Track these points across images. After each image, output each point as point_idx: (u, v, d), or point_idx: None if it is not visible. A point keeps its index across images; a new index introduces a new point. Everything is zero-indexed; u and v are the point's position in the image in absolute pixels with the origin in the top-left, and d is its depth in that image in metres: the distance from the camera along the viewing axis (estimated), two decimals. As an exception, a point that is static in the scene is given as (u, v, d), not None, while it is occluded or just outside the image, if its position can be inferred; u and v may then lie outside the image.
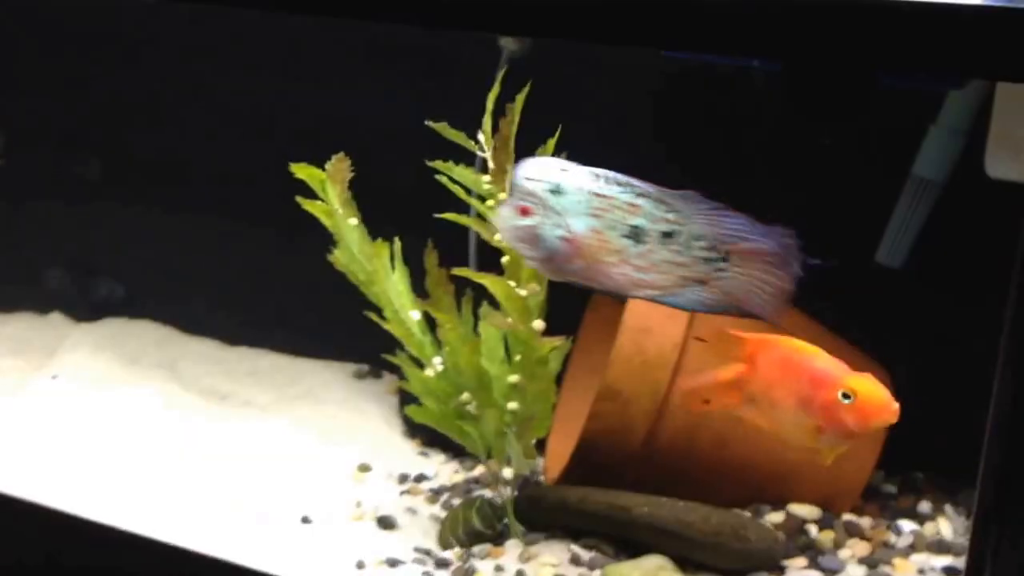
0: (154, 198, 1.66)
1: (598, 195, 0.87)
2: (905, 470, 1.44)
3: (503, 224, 0.88)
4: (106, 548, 1.40)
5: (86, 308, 1.76)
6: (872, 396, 0.99)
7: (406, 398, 1.54)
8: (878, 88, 1.13)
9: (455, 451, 1.51)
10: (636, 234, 0.87)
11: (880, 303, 1.35)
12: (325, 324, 1.64)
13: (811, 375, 1.00)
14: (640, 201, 0.87)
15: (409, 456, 1.52)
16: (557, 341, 1.14)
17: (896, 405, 0.98)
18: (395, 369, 1.51)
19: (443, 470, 1.50)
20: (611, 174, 0.88)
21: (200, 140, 1.60)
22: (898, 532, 1.32)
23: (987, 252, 1.10)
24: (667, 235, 0.87)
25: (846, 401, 0.99)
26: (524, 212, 0.87)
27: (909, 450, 1.35)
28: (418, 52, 1.31)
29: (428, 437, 1.54)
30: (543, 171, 0.87)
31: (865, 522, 1.33)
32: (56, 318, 1.78)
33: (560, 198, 0.87)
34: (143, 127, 1.63)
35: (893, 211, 1.28)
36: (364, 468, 1.49)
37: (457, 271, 1.13)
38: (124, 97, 1.61)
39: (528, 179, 0.87)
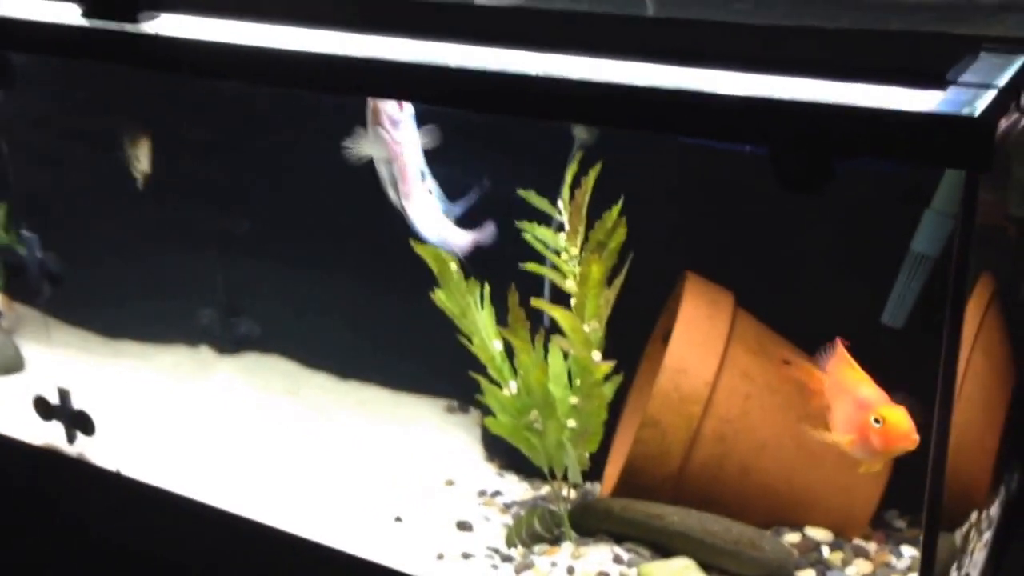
0: (286, 250, 1.98)
1: None
2: (918, 510, 1.65)
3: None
4: (237, 537, 1.71)
5: (229, 342, 2.09)
6: (897, 425, 1.21)
7: (488, 429, 1.84)
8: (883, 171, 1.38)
9: (526, 473, 1.77)
10: None
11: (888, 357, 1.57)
12: (423, 365, 1.93)
13: (856, 398, 1.24)
14: None
15: (488, 476, 1.79)
16: (609, 366, 1.41)
17: (916, 437, 1.20)
18: (480, 406, 1.81)
19: (515, 488, 1.76)
20: None
21: (325, 200, 1.92)
22: (899, 556, 1.53)
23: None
24: None
25: (876, 425, 1.22)
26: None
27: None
28: (508, 136, 1.60)
29: (505, 461, 1.80)
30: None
31: (872, 547, 1.54)
32: (204, 350, 2.11)
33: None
34: (280, 189, 1.97)
35: (896, 279, 1.51)
36: (450, 483, 1.77)
37: (535, 302, 1.41)
38: (265, 161, 1.95)
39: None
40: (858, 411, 1.24)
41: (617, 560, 1.51)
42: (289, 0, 1.54)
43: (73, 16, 1.52)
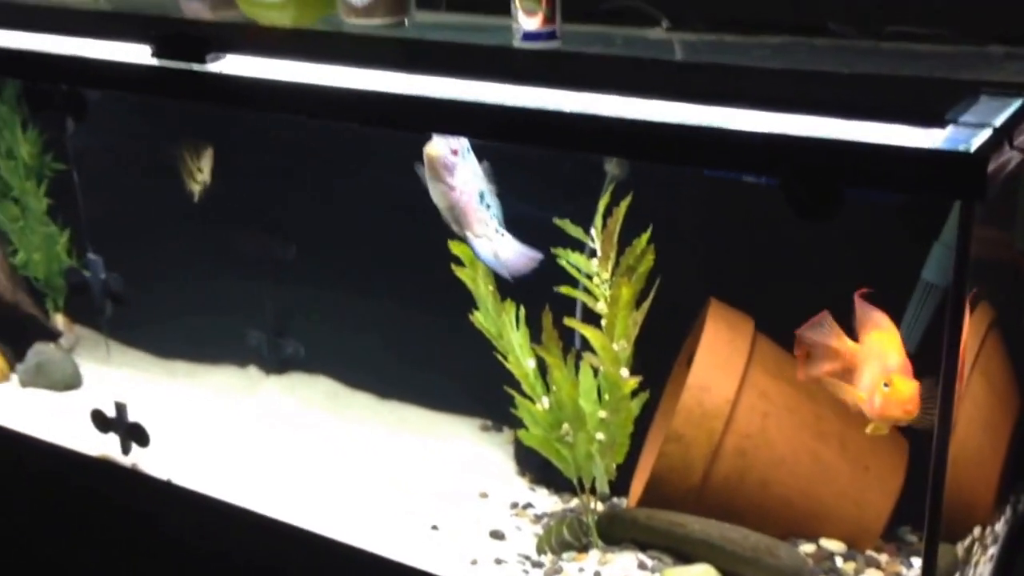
0: (331, 276, 2.11)
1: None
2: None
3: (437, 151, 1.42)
4: (283, 542, 1.82)
5: (275, 363, 2.21)
6: (899, 393, 1.28)
7: (520, 446, 1.95)
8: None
9: (556, 487, 1.88)
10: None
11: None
12: (459, 386, 2.04)
13: (882, 361, 1.31)
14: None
15: (520, 489, 1.89)
16: (636, 381, 1.52)
17: (912, 409, 1.27)
18: (512, 424, 1.93)
19: (545, 501, 1.86)
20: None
21: (369, 230, 2.05)
22: (910, 567, 1.62)
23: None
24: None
25: (884, 388, 1.29)
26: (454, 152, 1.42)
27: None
28: (546, 169, 1.72)
29: (536, 476, 1.91)
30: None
31: (883, 558, 1.63)
32: (252, 370, 2.23)
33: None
34: (326, 218, 2.10)
35: (908, 306, 1.61)
36: (483, 495, 1.87)
37: (568, 321, 1.52)
38: (313, 191, 2.08)
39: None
40: (877, 373, 1.31)
41: (641, 566, 1.61)
42: (343, 45, 1.68)
43: (144, 56, 1.66)
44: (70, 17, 1.90)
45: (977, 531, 1.56)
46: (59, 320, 2.30)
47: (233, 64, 1.61)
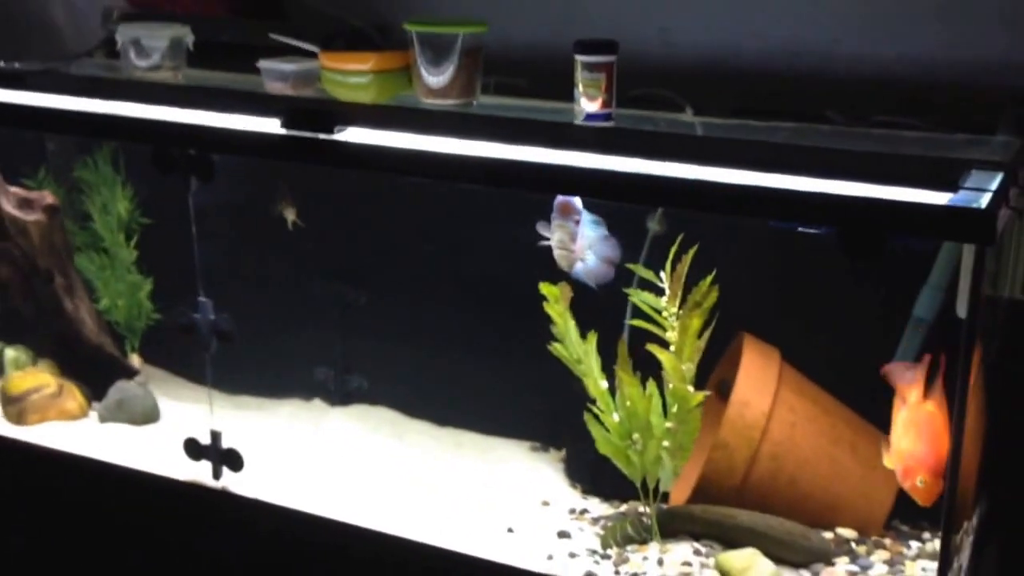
0: (393, 319, 2.42)
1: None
2: (917, 519, 2.11)
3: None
4: (373, 548, 2.09)
5: (340, 396, 2.49)
6: (923, 493, 1.66)
7: (570, 462, 2.28)
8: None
9: (605, 496, 2.20)
10: None
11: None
12: (508, 412, 2.36)
13: (921, 446, 1.67)
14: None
15: (574, 498, 2.20)
16: (703, 395, 1.86)
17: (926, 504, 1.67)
18: (559, 446, 2.27)
19: (599, 507, 2.17)
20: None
21: (427, 277, 2.37)
22: (909, 547, 1.98)
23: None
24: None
25: (919, 485, 1.66)
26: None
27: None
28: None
29: (586, 487, 2.22)
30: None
31: (887, 541, 1.98)
32: (317, 403, 2.51)
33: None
34: (390, 268, 2.41)
35: (901, 339, 1.99)
36: (545, 503, 2.18)
37: (649, 347, 1.85)
38: (380, 243, 2.39)
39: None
40: (917, 465, 1.66)
41: (696, 553, 1.94)
42: (442, 120, 2.01)
43: (273, 126, 1.97)
44: (187, 92, 2.21)
45: (965, 524, 1.94)
46: (135, 360, 2.55)
47: (352, 134, 1.93)
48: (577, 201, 1.85)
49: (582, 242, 1.87)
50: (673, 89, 2.13)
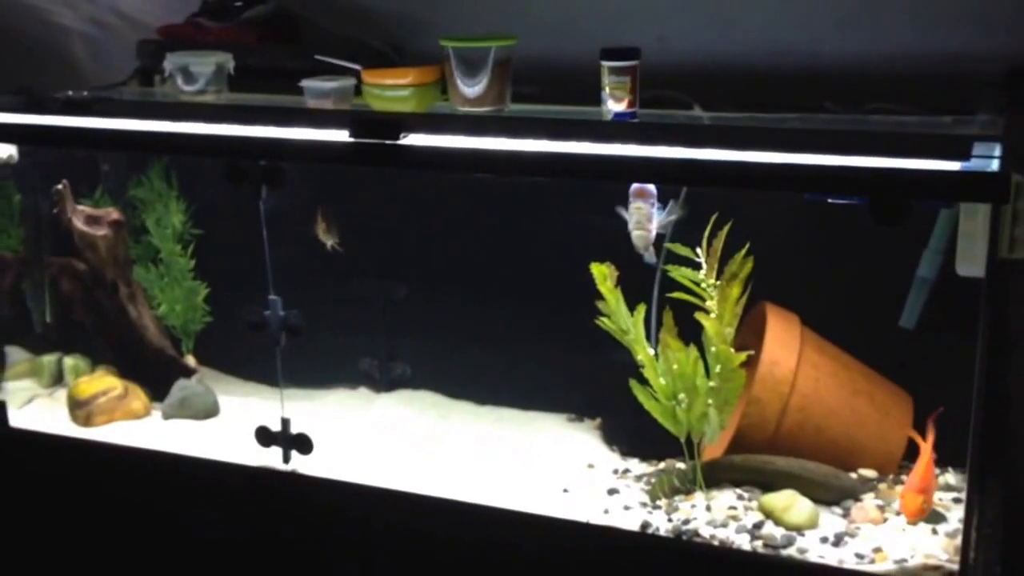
0: (430, 306, 2.61)
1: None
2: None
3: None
4: (445, 516, 2.27)
5: (384, 384, 2.68)
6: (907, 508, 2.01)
7: (607, 429, 2.50)
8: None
9: (642, 456, 2.42)
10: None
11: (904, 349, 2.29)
12: (543, 388, 2.58)
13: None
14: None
15: (615, 460, 2.42)
16: (745, 355, 2.10)
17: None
18: (593, 416, 2.49)
19: (638, 467, 2.39)
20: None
21: (462, 264, 2.57)
22: (922, 483, 2.24)
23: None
24: None
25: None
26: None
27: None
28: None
29: (624, 449, 2.44)
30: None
31: (904, 478, 2.25)
32: (363, 391, 2.69)
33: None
34: (427, 260, 2.61)
35: (908, 294, 2.24)
36: (590, 466, 2.39)
37: (698, 316, 2.08)
38: (421, 236, 2.59)
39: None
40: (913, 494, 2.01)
41: (740, 498, 2.17)
42: (492, 123, 2.21)
43: (341, 136, 2.15)
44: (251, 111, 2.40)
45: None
46: (190, 360, 2.70)
47: (416, 140, 2.13)
48: (651, 186, 2.08)
49: (657, 221, 2.10)
50: (673, 91, 2.36)
